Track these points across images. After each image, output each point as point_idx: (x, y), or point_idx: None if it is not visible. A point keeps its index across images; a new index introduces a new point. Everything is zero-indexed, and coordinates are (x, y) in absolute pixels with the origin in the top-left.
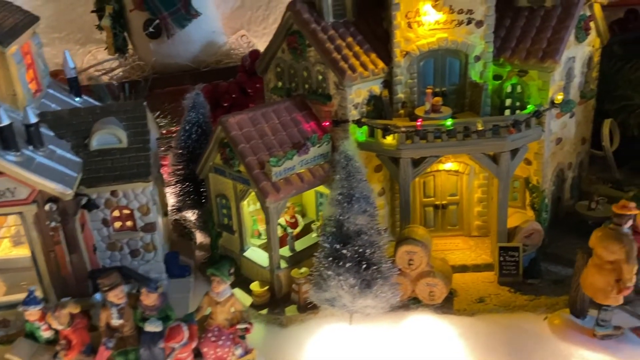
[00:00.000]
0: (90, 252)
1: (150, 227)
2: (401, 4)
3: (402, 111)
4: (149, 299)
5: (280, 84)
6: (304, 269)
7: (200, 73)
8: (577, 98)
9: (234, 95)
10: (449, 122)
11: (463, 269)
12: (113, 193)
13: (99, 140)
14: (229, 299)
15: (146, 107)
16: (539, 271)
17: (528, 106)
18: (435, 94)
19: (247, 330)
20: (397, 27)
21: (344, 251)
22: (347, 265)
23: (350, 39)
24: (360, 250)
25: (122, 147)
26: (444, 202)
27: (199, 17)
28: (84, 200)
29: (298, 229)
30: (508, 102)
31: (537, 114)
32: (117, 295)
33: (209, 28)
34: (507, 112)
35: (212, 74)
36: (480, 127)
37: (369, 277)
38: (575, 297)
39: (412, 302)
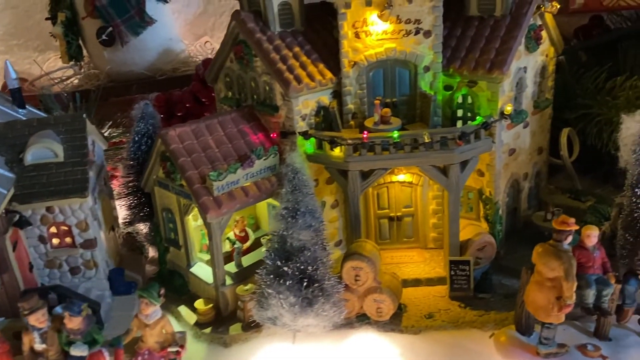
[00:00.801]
0: (25, 270)
1: (90, 244)
2: (348, 13)
3: (352, 122)
4: (73, 322)
5: (230, 94)
6: (249, 286)
7: (157, 81)
8: (531, 108)
9: (188, 105)
10: (395, 134)
11: (416, 282)
12: (49, 209)
13: (34, 154)
14: (159, 321)
15: (86, 119)
16: (490, 285)
17: (477, 117)
18: (385, 105)
19: (178, 353)
20: (344, 37)
21: (285, 268)
22: (288, 283)
23: (297, 49)
24: (302, 267)
25: (59, 162)
26: (398, 214)
27: (155, 24)
28: (15, 218)
29: (248, 243)
30: (460, 113)
31: (486, 126)
32: (39, 319)
33: (165, 35)
34: (459, 123)
35: (169, 82)
36: (427, 139)
37: (310, 295)
38: (520, 313)
39: (360, 319)
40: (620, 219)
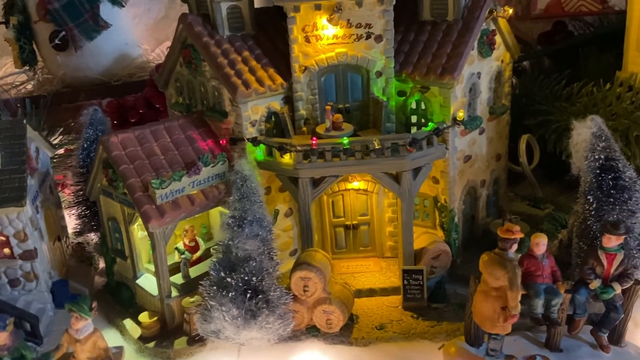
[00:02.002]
0: None
1: (29, 255)
2: (297, 17)
3: (305, 128)
4: None
5: (180, 99)
6: (195, 298)
7: (113, 87)
8: (486, 114)
9: (141, 111)
10: (345, 140)
11: (370, 292)
12: None
13: None
14: (90, 336)
15: (27, 125)
16: (444, 295)
17: (429, 124)
18: (338, 111)
19: None
20: (294, 41)
21: (229, 279)
22: (231, 294)
23: (247, 53)
24: (247, 278)
25: None
26: (354, 222)
27: (110, 29)
28: None
29: (198, 253)
30: (414, 119)
31: (437, 132)
32: None
33: (121, 40)
34: (414, 129)
35: (125, 88)
36: (377, 146)
37: (254, 307)
38: (469, 324)
39: (310, 331)
40: (575, 227)
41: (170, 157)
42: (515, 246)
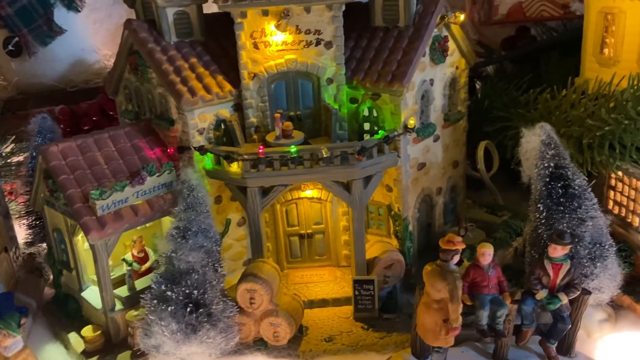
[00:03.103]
0: None
1: None
2: (244, 23)
3: (255, 136)
4: None
5: (129, 106)
6: (140, 311)
7: (69, 93)
8: (441, 121)
9: (95, 118)
10: (293, 148)
11: (323, 303)
12: None
13: None
14: (19, 353)
15: None
16: (396, 305)
17: (379, 131)
18: (289, 118)
19: None
20: (242, 47)
21: (169, 293)
22: (171, 308)
23: (194, 60)
24: (188, 291)
25: None
26: (309, 231)
27: (66, 34)
28: None
29: (148, 264)
30: (366, 126)
31: (387, 140)
32: None
33: (77, 45)
34: (367, 136)
35: (81, 94)
36: (325, 154)
37: (194, 321)
38: (415, 336)
39: (258, 344)
40: (528, 235)
41: (114, 166)
42: (456, 257)
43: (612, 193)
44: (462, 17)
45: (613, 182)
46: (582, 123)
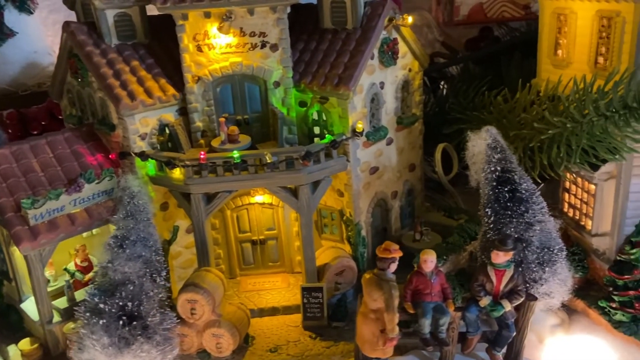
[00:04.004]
0: None
1: None
2: (186, 25)
3: (202, 141)
4: None
5: (73, 111)
6: (78, 323)
7: (20, 97)
8: (394, 124)
9: (43, 123)
10: (235, 154)
11: (273, 311)
12: None
13: None
14: None
15: None
16: (345, 313)
17: (326, 136)
18: (236, 123)
19: None
20: (185, 50)
21: (102, 305)
22: (103, 322)
23: (136, 63)
24: (122, 303)
25: None
26: (261, 237)
27: (17, 36)
28: None
29: (91, 274)
30: (316, 130)
31: (334, 144)
32: None
33: (29, 48)
34: (317, 140)
35: (33, 97)
36: (269, 159)
37: (127, 334)
38: (357, 347)
39: (201, 356)
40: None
41: (51, 173)
42: (394, 265)
43: (566, 196)
44: (409, 19)
45: (567, 184)
46: (532, 126)
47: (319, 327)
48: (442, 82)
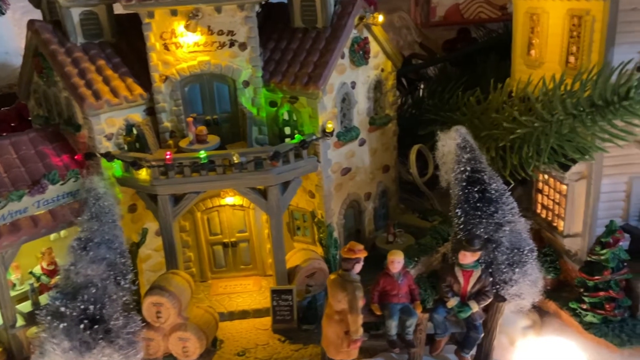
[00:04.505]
0: None
1: None
2: (153, 23)
3: (171, 141)
4: None
5: (40, 111)
6: (40, 327)
7: None
8: (366, 125)
9: (13, 124)
10: (202, 154)
11: (243, 314)
12: None
13: None
14: None
15: None
16: (315, 315)
17: (296, 136)
18: (205, 123)
19: None
20: (152, 49)
21: (63, 309)
22: (63, 325)
23: (102, 62)
24: (83, 306)
25: None
26: (232, 239)
27: None
28: None
29: (58, 278)
30: (287, 130)
31: (304, 145)
32: None
33: (1, 49)
34: (288, 141)
35: (4, 99)
36: (236, 160)
37: (88, 338)
38: (323, 349)
39: None
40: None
41: (14, 174)
42: (358, 266)
43: (539, 197)
44: (380, 18)
45: (540, 185)
46: (503, 125)
47: (288, 330)
48: (419, 84)
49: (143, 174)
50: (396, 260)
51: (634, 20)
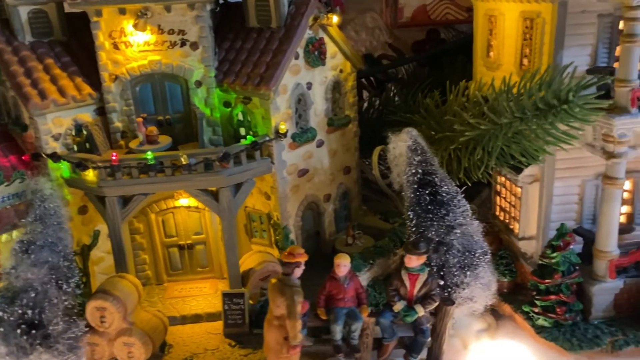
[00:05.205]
0: None
1: None
2: (101, 22)
3: (122, 142)
4: None
5: None
6: None
7: None
8: (324, 126)
9: None
10: (150, 155)
11: (196, 318)
12: None
13: None
14: None
15: None
16: None
17: (248, 137)
18: (158, 123)
19: None
20: (101, 47)
21: (0, 313)
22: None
23: (50, 61)
24: (22, 311)
25: None
26: (188, 241)
27: None
28: None
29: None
30: (242, 131)
31: (255, 146)
32: None
33: None
34: (244, 142)
35: None
36: (184, 161)
37: (25, 343)
38: None
39: None
40: None
41: None
42: (298, 270)
43: (498, 199)
44: (334, 18)
45: (498, 188)
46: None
47: (240, 334)
48: (389, 84)
49: (90, 175)
50: (342, 264)
51: (583, 22)
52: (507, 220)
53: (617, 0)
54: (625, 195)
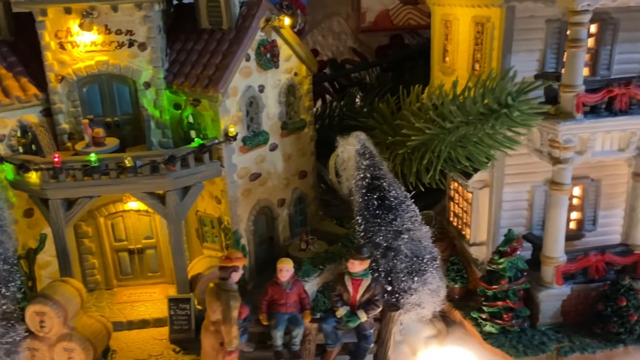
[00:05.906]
0: None
1: None
2: (47, 22)
3: (69, 144)
4: None
5: None
6: None
7: None
8: (278, 130)
9: None
10: (93, 157)
11: (143, 324)
12: None
13: None
14: None
15: None
16: None
17: (195, 139)
18: (106, 125)
19: None
20: (47, 47)
21: None
22: None
23: None
24: None
25: None
26: (139, 246)
27: None
28: None
29: None
30: (193, 134)
31: (203, 149)
32: None
33: None
34: (191, 145)
35: None
36: (128, 163)
37: None
38: None
39: None
40: None
41: None
42: (235, 275)
43: (451, 204)
44: (286, 20)
45: (452, 193)
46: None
47: (186, 340)
48: (352, 89)
49: (34, 177)
50: (284, 269)
51: (531, 27)
52: (459, 226)
53: (562, 5)
54: (575, 201)
